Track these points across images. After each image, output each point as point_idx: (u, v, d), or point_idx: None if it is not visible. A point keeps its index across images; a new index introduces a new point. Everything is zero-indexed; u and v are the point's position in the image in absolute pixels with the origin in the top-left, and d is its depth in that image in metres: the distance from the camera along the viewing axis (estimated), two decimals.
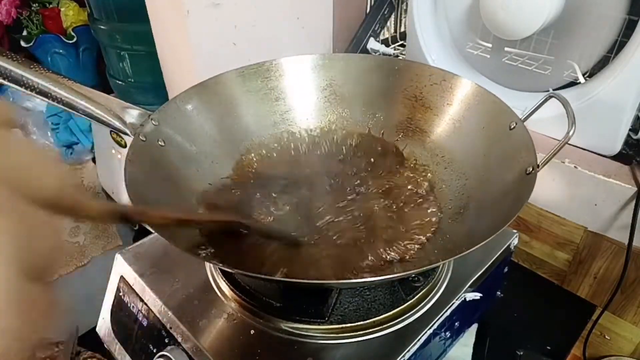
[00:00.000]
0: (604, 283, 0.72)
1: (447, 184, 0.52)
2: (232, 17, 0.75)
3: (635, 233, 0.63)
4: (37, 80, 0.39)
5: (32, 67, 0.39)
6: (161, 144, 0.49)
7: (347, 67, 0.61)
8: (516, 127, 0.46)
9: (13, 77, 0.38)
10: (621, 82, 0.62)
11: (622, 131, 0.67)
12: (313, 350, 0.42)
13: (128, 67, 1.19)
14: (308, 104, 0.61)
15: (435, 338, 0.47)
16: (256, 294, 0.46)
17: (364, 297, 0.46)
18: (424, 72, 0.57)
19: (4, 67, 0.37)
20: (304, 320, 0.44)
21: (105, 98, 0.45)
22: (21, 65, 0.38)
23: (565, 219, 0.72)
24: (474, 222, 0.45)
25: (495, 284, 0.59)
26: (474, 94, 0.53)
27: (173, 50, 0.78)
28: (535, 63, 0.72)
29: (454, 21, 0.81)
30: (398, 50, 0.99)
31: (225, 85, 0.57)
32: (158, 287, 0.49)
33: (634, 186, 0.63)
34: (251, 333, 0.44)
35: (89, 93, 0.43)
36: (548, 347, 0.62)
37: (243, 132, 0.58)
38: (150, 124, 0.49)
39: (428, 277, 0.48)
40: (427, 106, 0.57)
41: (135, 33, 1.11)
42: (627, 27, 0.63)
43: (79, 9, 1.65)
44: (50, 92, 0.40)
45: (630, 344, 0.75)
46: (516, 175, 0.43)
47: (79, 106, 0.42)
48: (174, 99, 0.53)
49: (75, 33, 1.54)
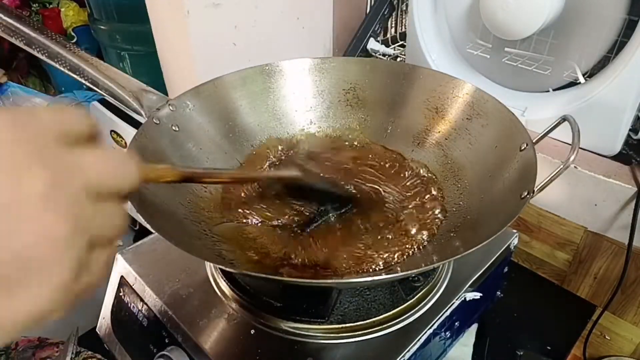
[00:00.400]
0: (604, 283, 0.72)
1: (451, 196, 0.51)
2: (232, 17, 0.75)
3: (635, 233, 0.63)
4: (70, 58, 0.46)
5: (67, 47, 0.45)
6: (175, 129, 0.50)
7: (371, 72, 0.61)
8: (526, 149, 0.46)
9: (50, 53, 0.44)
10: (621, 82, 0.62)
11: (622, 131, 0.67)
12: (313, 350, 0.42)
13: (128, 67, 1.19)
14: (329, 105, 0.62)
15: (435, 338, 0.47)
16: (256, 294, 0.46)
17: (364, 297, 0.46)
18: (447, 83, 0.56)
19: (44, 44, 0.44)
20: (304, 320, 0.44)
21: (127, 80, 0.49)
22: (58, 43, 0.45)
23: (565, 219, 0.72)
24: (471, 231, 0.45)
25: (495, 284, 0.59)
26: (494, 110, 0.52)
27: (173, 50, 0.78)
28: (535, 63, 0.72)
29: (454, 21, 0.81)
30: (398, 50, 0.99)
31: (254, 80, 0.59)
32: (158, 287, 0.49)
33: (634, 186, 0.63)
34: (251, 333, 0.44)
35: (114, 74, 0.48)
36: (548, 347, 0.62)
37: (263, 127, 0.60)
38: (168, 108, 0.50)
39: (428, 277, 0.48)
40: (446, 119, 0.56)
41: (135, 33, 1.11)
42: (627, 27, 0.63)
43: (79, 9, 1.65)
44: (80, 69, 0.46)
45: (630, 344, 0.75)
46: (512, 196, 0.42)
47: (101, 84, 0.47)
48: (199, 86, 0.55)
49: (75, 33, 1.54)
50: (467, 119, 0.54)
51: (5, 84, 1.66)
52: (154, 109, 0.49)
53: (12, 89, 1.65)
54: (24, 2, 1.67)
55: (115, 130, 0.98)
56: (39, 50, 0.44)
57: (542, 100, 0.74)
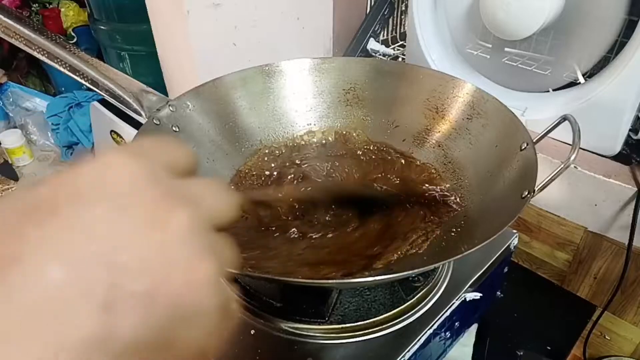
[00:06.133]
0: (604, 283, 0.72)
1: (452, 196, 0.51)
2: (232, 17, 0.75)
3: (635, 233, 0.63)
4: (70, 59, 0.46)
5: (67, 48, 0.45)
6: (175, 129, 0.50)
7: (371, 72, 0.61)
8: (526, 149, 0.46)
9: (50, 54, 0.44)
10: (621, 83, 0.62)
11: (622, 131, 0.67)
12: (313, 350, 0.42)
13: (128, 67, 1.19)
14: (329, 105, 0.62)
15: (435, 338, 0.47)
16: (256, 294, 0.46)
17: (364, 297, 0.46)
18: (447, 83, 0.56)
19: (45, 45, 0.44)
20: (304, 320, 0.44)
21: (127, 80, 0.49)
22: (58, 44, 0.45)
23: (565, 219, 0.72)
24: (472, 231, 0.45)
25: (495, 284, 0.59)
26: (494, 110, 0.51)
27: (173, 50, 0.78)
28: (535, 63, 0.72)
29: (454, 21, 0.81)
30: (398, 50, 0.99)
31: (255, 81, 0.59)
32: None
33: (634, 186, 0.63)
34: (251, 333, 0.44)
35: (114, 75, 0.48)
36: (548, 347, 0.62)
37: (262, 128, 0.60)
38: (168, 109, 0.50)
39: (428, 277, 0.48)
40: (446, 118, 0.56)
41: (135, 33, 1.11)
42: (627, 28, 0.63)
43: (79, 9, 1.65)
44: (80, 70, 0.46)
45: (630, 344, 0.75)
46: (512, 196, 0.42)
47: (101, 84, 0.47)
48: (199, 86, 0.55)
49: (75, 33, 1.54)
50: (468, 118, 0.54)
51: (5, 84, 1.66)
52: (154, 110, 0.49)
53: (12, 89, 1.65)
54: (24, 2, 1.67)
55: (115, 130, 0.98)
56: (39, 52, 0.44)
57: (542, 101, 0.74)
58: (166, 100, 0.50)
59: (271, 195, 0.35)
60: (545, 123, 0.50)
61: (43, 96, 1.69)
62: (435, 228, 0.47)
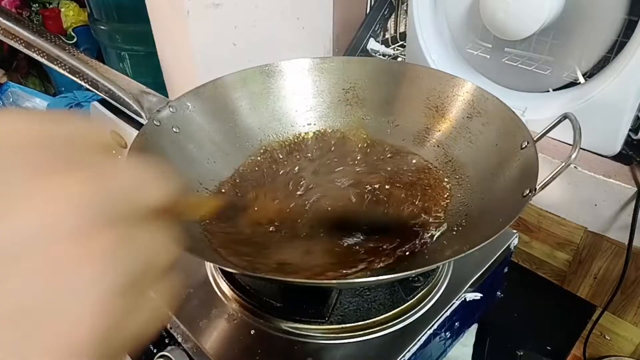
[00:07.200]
0: (604, 283, 0.72)
1: (453, 196, 0.51)
2: (232, 17, 0.75)
3: (635, 233, 0.63)
4: (70, 61, 0.46)
5: (66, 49, 0.46)
6: (176, 130, 0.50)
7: (371, 71, 0.61)
8: (527, 147, 0.45)
9: (50, 56, 0.45)
10: (621, 83, 0.62)
11: (622, 131, 0.67)
12: (313, 350, 0.42)
13: (128, 67, 1.19)
14: (329, 105, 0.62)
15: (435, 338, 0.47)
16: (256, 294, 0.46)
17: (364, 297, 0.46)
18: (447, 82, 0.56)
19: (45, 47, 0.45)
20: (304, 320, 0.44)
21: (127, 82, 0.49)
22: (57, 46, 0.46)
23: (565, 219, 0.72)
24: (472, 230, 0.45)
25: (495, 284, 0.59)
26: (495, 109, 0.51)
27: (173, 50, 0.78)
28: (535, 63, 0.72)
29: (454, 21, 0.81)
30: (398, 50, 0.99)
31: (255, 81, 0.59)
32: None
33: (634, 186, 0.63)
34: (251, 333, 0.44)
35: (113, 76, 0.48)
36: (548, 347, 0.62)
37: (263, 128, 0.60)
38: (168, 110, 0.50)
39: (428, 277, 0.48)
40: (446, 117, 0.56)
41: (135, 33, 1.11)
42: (627, 28, 0.63)
43: (79, 9, 1.65)
44: (80, 71, 0.47)
45: (630, 344, 0.75)
46: (513, 195, 0.42)
47: (101, 86, 0.48)
48: (199, 87, 0.55)
49: (75, 33, 1.54)
50: (468, 117, 0.54)
51: (5, 84, 1.66)
52: (154, 111, 0.49)
53: (12, 89, 1.65)
54: (24, 2, 1.67)
55: (115, 130, 0.98)
56: (39, 54, 0.44)
57: (542, 101, 0.74)
58: (166, 101, 0.50)
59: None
60: (545, 123, 0.50)
61: (43, 96, 1.69)
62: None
